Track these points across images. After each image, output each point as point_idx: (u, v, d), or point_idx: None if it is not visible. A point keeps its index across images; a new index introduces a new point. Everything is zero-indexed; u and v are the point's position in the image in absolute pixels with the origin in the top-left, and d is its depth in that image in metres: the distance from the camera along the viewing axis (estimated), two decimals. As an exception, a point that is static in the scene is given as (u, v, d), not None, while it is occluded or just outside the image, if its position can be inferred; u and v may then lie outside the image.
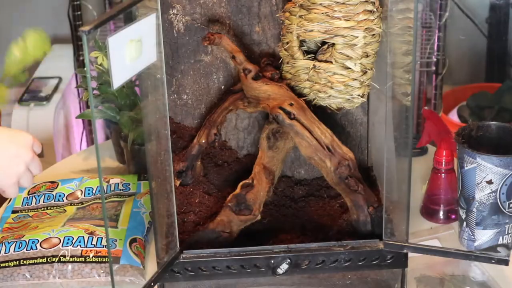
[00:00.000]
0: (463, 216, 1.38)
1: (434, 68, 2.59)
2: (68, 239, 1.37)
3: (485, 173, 1.32)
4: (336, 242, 1.25)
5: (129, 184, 1.57)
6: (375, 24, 1.26)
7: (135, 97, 1.63)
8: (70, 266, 1.34)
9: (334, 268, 1.26)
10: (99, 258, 1.34)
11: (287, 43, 1.30)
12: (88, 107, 2.31)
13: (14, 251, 1.36)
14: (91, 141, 2.76)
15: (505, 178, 1.31)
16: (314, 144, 1.27)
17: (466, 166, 1.33)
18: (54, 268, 1.33)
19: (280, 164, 1.35)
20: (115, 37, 1.01)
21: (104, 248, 1.35)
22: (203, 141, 1.40)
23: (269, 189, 1.32)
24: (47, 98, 2.65)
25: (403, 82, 1.20)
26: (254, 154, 1.39)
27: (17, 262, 1.34)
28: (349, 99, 1.31)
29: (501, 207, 1.34)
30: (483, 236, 1.36)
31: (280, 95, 1.30)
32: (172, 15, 1.39)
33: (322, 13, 1.25)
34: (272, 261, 1.24)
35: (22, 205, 1.54)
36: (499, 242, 1.36)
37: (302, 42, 1.31)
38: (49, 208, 1.52)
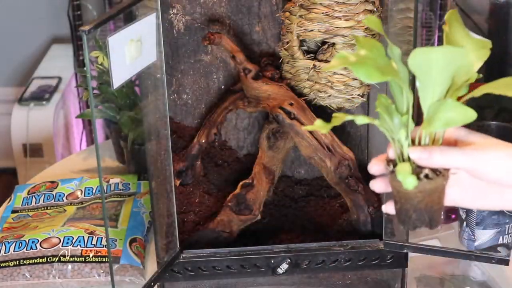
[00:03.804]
0: (463, 216, 1.38)
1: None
2: (68, 239, 1.36)
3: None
4: (336, 242, 1.25)
5: (129, 184, 1.57)
6: (375, 24, 1.26)
7: (135, 97, 1.63)
8: (70, 266, 1.34)
9: (334, 268, 1.26)
10: (99, 258, 1.34)
11: (287, 42, 1.30)
12: (88, 106, 2.31)
13: (14, 251, 1.36)
14: (91, 141, 2.76)
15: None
16: (314, 144, 1.27)
17: (466, 166, 1.33)
18: (54, 268, 1.33)
19: (280, 164, 1.35)
20: (115, 37, 1.01)
21: (104, 248, 1.35)
22: (203, 141, 1.40)
23: (269, 189, 1.32)
24: (47, 98, 2.65)
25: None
26: (254, 154, 1.39)
27: (17, 262, 1.34)
28: (349, 99, 1.31)
29: (501, 207, 1.34)
30: (483, 236, 1.36)
31: (280, 95, 1.30)
32: (172, 15, 1.39)
33: (322, 13, 1.25)
34: (272, 261, 1.24)
35: (22, 205, 1.54)
36: (499, 242, 1.36)
37: (302, 42, 1.31)
38: (49, 208, 1.52)
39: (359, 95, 1.31)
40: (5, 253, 1.36)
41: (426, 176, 0.83)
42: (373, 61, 0.82)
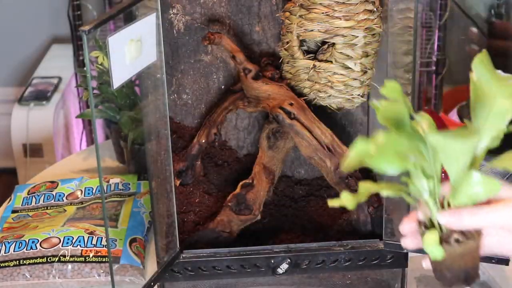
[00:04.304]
0: (463, 216, 1.38)
1: (434, 68, 2.59)
2: (68, 239, 1.36)
3: (486, 173, 1.31)
4: (336, 242, 1.25)
5: (129, 184, 1.57)
6: (375, 24, 1.26)
7: (135, 97, 1.63)
8: (70, 266, 1.34)
9: (334, 268, 1.25)
10: (99, 258, 1.34)
11: (287, 42, 1.30)
12: (88, 106, 2.31)
13: (14, 251, 1.36)
14: (91, 141, 2.76)
15: (505, 178, 1.31)
16: (314, 144, 1.27)
17: (466, 166, 1.33)
18: (54, 268, 1.33)
19: (280, 164, 1.35)
20: (115, 37, 1.01)
21: (104, 248, 1.35)
22: (203, 141, 1.40)
23: (269, 189, 1.32)
24: (47, 98, 2.65)
25: (403, 82, 1.20)
26: (254, 154, 1.39)
27: (17, 262, 1.34)
28: (349, 99, 1.31)
29: (501, 207, 1.33)
30: (483, 236, 1.36)
31: (280, 95, 1.30)
32: (172, 15, 1.39)
33: (322, 13, 1.25)
34: (272, 261, 1.24)
35: (22, 205, 1.54)
36: (499, 242, 1.35)
37: (302, 42, 1.31)
38: (49, 208, 1.52)
39: (359, 95, 1.31)
40: (5, 253, 1.36)
41: (457, 240, 0.82)
42: (392, 148, 0.78)
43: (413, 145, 0.80)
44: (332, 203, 0.81)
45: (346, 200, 0.81)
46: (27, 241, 1.37)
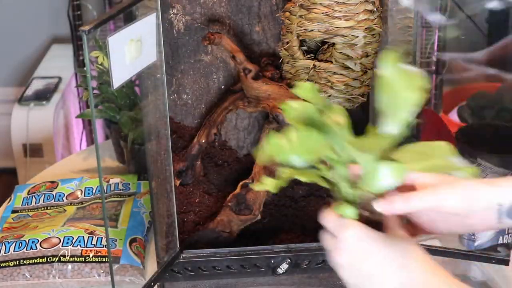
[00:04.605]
0: (463, 216, 1.38)
1: (434, 68, 2.59)
2: (68, 239, 1.36)
3: (485, 172, 1.31)
4: (336, 242, 1.25)
5: (129, 184, 1.57)
6: (375, 24, 1.26)
7: (135, 97, 1.63)
8: (70, 266, 1.34)
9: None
10: (99, 258, 1.34)
11: (287, 42, 1.30)
12: (88, 106, 2.31)
13: (14, 251, 1.36)
14: (91, 141, 2.76)
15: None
16: (314, 144, 1.27)
17: (466, 166, 1.33)
18: (54, 268, 1.33)
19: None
20: (115, 36, 1.00)
21: (104, 248, 1.35)
22: (203, 141, 1.40)
23: (269, 189, 1.31)
24: (47, 98, 2.65)
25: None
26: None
27: (17, 262, 1.34)
28: (349, 99, 1.31)
29: (501, 207, 1.33)
30: (483, 236, 1.36)
31: (280, 95, 1.30)
32: (172, 15, 1.39)
33: (322, 13, 1.25)
34: (272, 261, 1.24)
35: (22, 205, 1.54)
36: (499, 242, 1.36)
37: (302, 42, 1.31)
38: (49, 208, 1.52)
39: (359, 95, 1.31)
40: (5, 253, 1.36)
41: (366, 217, 0.91)
42: (302, 145, 0.87)
43: (324, 139, 0.88)
44: (255, 186, 0.89)
45: (267, 184, 0.89)
46: (27, 241, 1.37)
